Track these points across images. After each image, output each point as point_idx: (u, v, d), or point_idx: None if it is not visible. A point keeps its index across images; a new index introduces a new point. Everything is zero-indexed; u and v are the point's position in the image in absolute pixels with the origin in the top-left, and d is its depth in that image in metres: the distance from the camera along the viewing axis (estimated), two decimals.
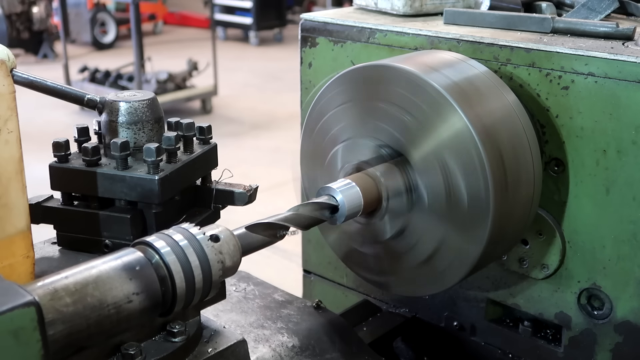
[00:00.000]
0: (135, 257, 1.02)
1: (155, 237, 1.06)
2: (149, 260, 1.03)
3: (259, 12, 12.82)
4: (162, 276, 1.02)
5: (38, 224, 1.34)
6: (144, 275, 1.00)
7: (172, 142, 1.29)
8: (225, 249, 1.09)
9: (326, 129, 1.62)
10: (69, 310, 0.90)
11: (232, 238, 1.12)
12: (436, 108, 1.40)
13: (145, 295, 1.00)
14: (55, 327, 0.88)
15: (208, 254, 1.06)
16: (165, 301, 1.03)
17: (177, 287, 1.03)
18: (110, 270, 0.98)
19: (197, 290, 1.06)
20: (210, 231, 1.10)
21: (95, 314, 0.93)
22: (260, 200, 1.47)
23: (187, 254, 1.04)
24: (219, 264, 1.07)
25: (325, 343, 1.62)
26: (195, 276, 1.04)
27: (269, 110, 8.55)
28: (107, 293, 0.95)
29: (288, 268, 4.25)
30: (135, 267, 1.00)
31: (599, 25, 1.58)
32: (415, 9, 1.86)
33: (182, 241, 1.05)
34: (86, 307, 0.92)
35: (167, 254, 1.03)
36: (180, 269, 1.03)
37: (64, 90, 1.39)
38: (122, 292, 0.97)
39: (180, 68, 8.47)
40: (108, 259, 1.00)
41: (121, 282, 0.98)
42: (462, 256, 1.44)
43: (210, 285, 1.07)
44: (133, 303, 0.98)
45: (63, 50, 8.72)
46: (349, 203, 1.39)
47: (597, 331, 1.60)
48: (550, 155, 1.57)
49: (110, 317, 0.95)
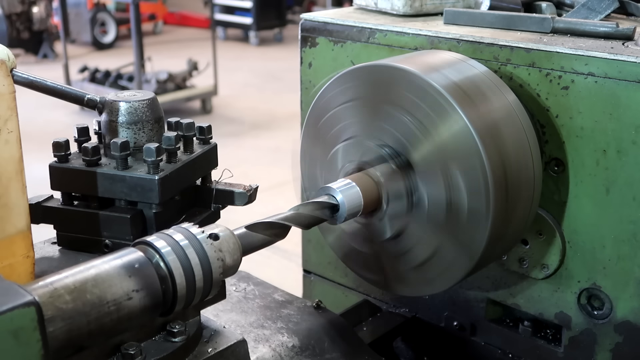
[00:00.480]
0: (135, 256, 1.02)
1: (156, 236, 1.06)
2: (149, 260, 1.03)
3: (259, 12, 12.81)
4: (162, 275, 1.02)
5: (38, 224, 1.34)
6: (144, 273, 1.01)
7: (172, 142, 1.29)
8: (225, 247, 1.10)
9: (326, 128, 1.62)
10: (68, 307, 0.90)
11: (231, 237, 1.12)
12: (436, 108, 1.40)
13: (145, 293, 1.00)
14: (55, 324, 0.88)
15: (208, 251, 1.06)
16: (166, 300, 1.03)
17: (178, 285, 1.03)
18: (109, 268, 0.98)
19: (198, 289, 1.06)
20: (209, 230, 1.10)
21: (95, 311, 0.93)
22: (261, 200, 1.47)
23: (187, 253, 1.04)
24: (219, 262, 1.07)
25: (325, 343, 1.62)
26: (196, 274, 1.05)
27: (269, 110, 8.55)
28: (107, 290, 0.95)
29: (288, 268, 4.25)
30: (134, 265, 1.00)
31: (599, 25, 1.58)
32: (415, 9, 1.86)
33: (182, 240, 1.05)
34: (86, 304, 0.92)
35: (168, 254, 1.03)
36: (181, 268, 1.03)
37: (64, 90, 1.39)
38: (121, 289, 0.97)
39: (180, 68, 8.46)
40: (107, 259, 1.01)
41: (120, 279, 0.98)
42: (454, 266, 1.46)
43: (210, 283, 1.07)
44: (133, 300, 0.98)
45: (63, 50, 8.71)
46: (349, 203, 1.39)
47: (597, 331, 1.60)
48: (550, 155, 1.57)
49: (111, 315, 0.95)
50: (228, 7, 13.08)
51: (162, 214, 1.27)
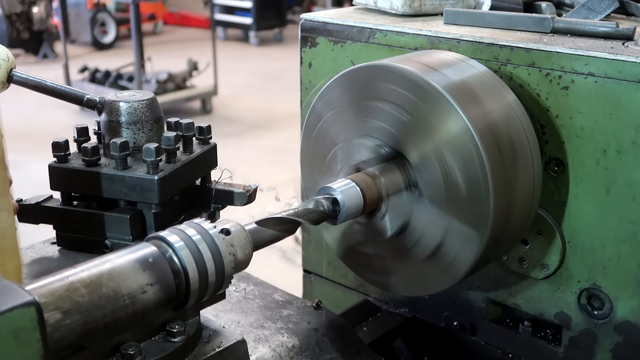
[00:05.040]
0: (149, 251, 1.04)
1: (169, 231, 1.08)
2: (163, 254, 1.04)
3: (259, 12, 12.81)
4: (175, 269, 1.04)
5: (38, 224, 1.34)
6: (158, 267, 1.02)
7: (171, 142, 1.29)
8: (237, 242, 1.11)
9: (326, 129, 1.62)
10: (85, 300, 0.91)
11: (243, 232, 1.13)
12: (436, 108, 1.40)
13: (159, 287, 1.01)
14: (72, 317, 0.89)
15: (220, 246, 1.08)
16: (179, 294, 1.04)
17: (191, 279, 1.04)
18: (124, 262, 1.00)
19: (210, 284, 1.07)
20: (221, 225, 1.11)
21: (111, 304, 0.94)
22: (261, 200, 1.47)
23: (200, 248, 1.06)
24: (230, 256, 1.09)
25: (325, 343, 1.62)
26: (208, 269, 1.06)
27: (269, 110, 8.55)
28: (122, 284, 0.97)
29: (288, 268, 4.25)
30: (148, 259, 1.02)
31: (599, 25, 1.58)
32: (414, 9, 1.86)
33: (194, 235, 1.07)
34: (102, 297, 0.94)
35: (181, 248, 1.04)
36: (194, 262, 1.05)
37: (64, 90, 1.39)
38: (136, 282, 0.98)
39: (180, 68, 8.46)
40: (122, 253, 1.02)
41: (135, 273, 0.99)
42: (468, 244, 1.42)
43: (223, 278, 1.09)
44: (147, 294, 0.99)
45: (63, 50, 8.71)
46: (349, 203, 1.39)
47: (597, 331, 1.60)
48: (550, 155, 1.57)
49: (126, 308, 0.96)
50: (228, 7, 13.08)
51: (162, 214, 1.27)
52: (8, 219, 1.13)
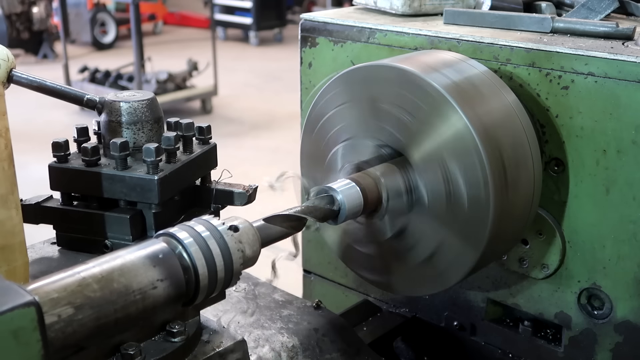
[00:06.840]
0: (159, 247, 1.05)
1: (178, 228, 1.08)
2: (172, 250, 1.05)
3: (259, 12, 12.81)
4: (185, 265, 1.04)
5: (38, 224, 1.34)
6: (168, 263, 1.03)
7: (171, 142, 1.29)
8: (245, 239, 1.12)
9: (326, 128, 1.62)
10: (96, 296, 0.92)
11: (251, 229, 1.15)
12: (436, 108, 1.40)
13: (169, 283, 1.02)
14: (84, 312, 0.90)
15: (228, 242, 1.09)
16: (188, 290, 1.05)
17: (200, 275, 1.05)
18: (135, 258, 1.00)
19: (219, 280, 1.08)
20: (230, 222, 1.13)
21: (122, 299, 0.95)
22: (261, 200, 1.47)
23: (209, 244, 1.07)
24: (239, 253, 1.10)
25: (325, 343, 1.62)
26: (217, 265, 1.07)
27: (269, 110, 8.55)
28: (133, 279, 0.97)
29: (288, 268, 4.24)
30: (158, 255, 1.03)
31: (599, 25, 1.58)
32: (414, 9, 1.86)
33: (204, 232, 1.08)
34: (113, 293, 0.94)
35: (190, 245, 1.05)
36: (203, 258, 1.05)
37: (64, 90, 1.39)
38: (146, 278, 0.99)
39: (180, 68, 8.46)
40: (132, 249, 1.03)
41: (145, 269, 1.00)
42: (462, 256, 1.44)
43: (231, 274, 1.10)
44: (158, 290, 1.00)
45: (63, 50, 8.71)
46: (349, 203, 1.39)
47: (597, 331, 1.60)
48: (550, 155, 1.57)
49: (137, 304, 0.97)
50: (228, 7, 13.08)
51: (162, 214, 1.27)
52: (17, 216, 1.14)
